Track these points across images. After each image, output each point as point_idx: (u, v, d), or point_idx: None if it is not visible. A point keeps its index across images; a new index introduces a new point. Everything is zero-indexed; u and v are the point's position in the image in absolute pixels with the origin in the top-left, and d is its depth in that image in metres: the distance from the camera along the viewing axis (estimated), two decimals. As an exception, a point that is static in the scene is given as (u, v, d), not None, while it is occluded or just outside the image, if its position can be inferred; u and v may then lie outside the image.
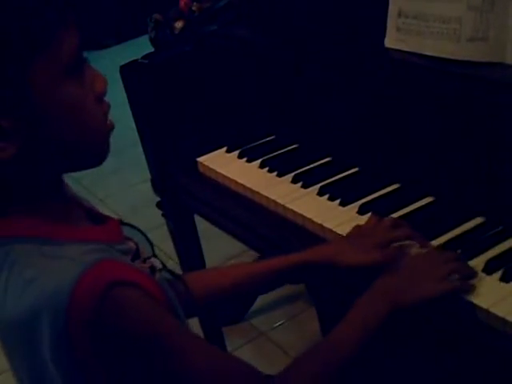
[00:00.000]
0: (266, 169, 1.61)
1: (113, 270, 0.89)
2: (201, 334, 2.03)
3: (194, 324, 1.92)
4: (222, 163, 1.67)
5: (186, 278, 1.25)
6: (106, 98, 0.97)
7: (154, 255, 1.09)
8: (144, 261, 1.03)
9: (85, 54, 0.93)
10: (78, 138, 0.92)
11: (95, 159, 0.97)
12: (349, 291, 1.32)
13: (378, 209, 1.35)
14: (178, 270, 1.66)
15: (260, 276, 1.27)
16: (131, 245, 1.03)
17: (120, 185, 3.53)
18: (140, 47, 2.08)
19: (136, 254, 1.02)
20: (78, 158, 0.95)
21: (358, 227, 1.29)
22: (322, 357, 1.05)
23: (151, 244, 1.10)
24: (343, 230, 1.33)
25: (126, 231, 1.05)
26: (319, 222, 1.38)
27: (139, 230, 1.09)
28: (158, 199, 1.87)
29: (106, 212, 1.09)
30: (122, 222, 1.06)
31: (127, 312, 0.88)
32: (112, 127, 0.98)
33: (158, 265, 1.08)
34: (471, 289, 1.11)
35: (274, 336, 2.41)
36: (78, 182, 3.17)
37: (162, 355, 0.90)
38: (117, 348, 0.89)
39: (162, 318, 0.93)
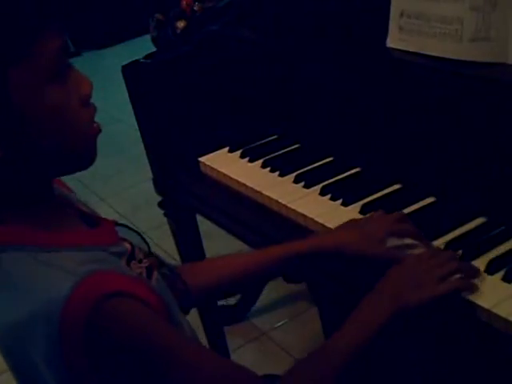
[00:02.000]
0: (268, 168, 1.61)
1: (106, 282, 0.89)
2: (202, 333, 2.03)
3: (196, 324, 1.92)
4: (224, 163, 1.67)
5: (184, 271, 1.25)
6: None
7: (151, 254, 1.08)
8: (140, 261, 1.03)
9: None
10: (64, 143, 0.91)
11: (82, 163, 0.97)
12: (351, 291, 1.32)
13: (379, 209, 1.35)
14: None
15: (263, 266, 1.26)
16: (126, 246, 1.02)
17: (122, 184, 3.53)
18: (142, 47, 2.08)
19: (131, 255, 1.02)
20: (65, 163, 0.94)
21: (366, 216, 1.30)
22: (324, 359, 1.05)
23: (147, 243, 1.10)
24: (345, 230, 1.33)
25: (121, 232, 1.04)
26: (321, 221, 1.38)
27: (134, 231, 1.09)
28: (160, 199, 1.87)
29: (108, 211, 1.09)
30: (116, 223, 1.05)
31: (120, 323, 0.88)
32: (99, 131, 0.97)
33: (156, 263, 1.07)
34: (473, 287, 1.11)
35: (275, 336, 2.41)
36: (80, 182, 3.18)
37: (157, 363, 0.90)
38: (111, 359, 0.88)
39: (156, 326, 0.92)
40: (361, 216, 1.37)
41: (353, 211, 1.39)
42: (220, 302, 2.38)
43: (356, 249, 1.21)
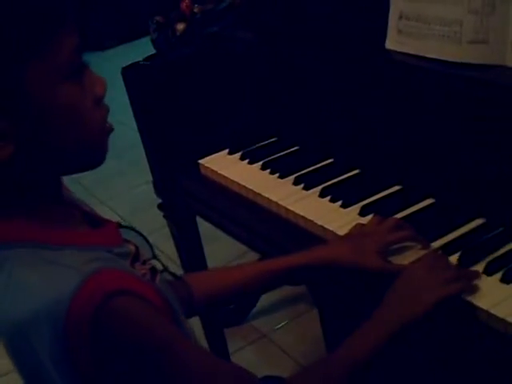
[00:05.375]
0: (268, 170, 1.61)
1: (111, 280, 0.89)
2: (202, 335, 2.03)
3: (196, 326, 1.92)
4: (224, 165, 1.68)
5: (188, 279, 1.26)
6: (106, 101, 0.97)
7: (154, 257, 1.09)
8: (144, 263, 1.03)
9: (85, 57, 0.93)
10: (76, 141, 0.92)
11: (93, 162, 0.97)
12: (351, 293, 1.32)
13: (379, 210, 1.36)
14: (180, 272, 1.66)
15: (262, 277, 1.28)
16: (130, 247, 1.03)
17: (121, 186, 3.54)
18: (142, 49, 2.08)
19: (135, 257, 1.02)
20: (76, 160, 0.95)
21: (360, 226, 1.30)
22: (332, 366, 1.06)
23: (151, 246, 1.10)
24: (344, 231, 1.33)
25: (125, 234, 1.05)
26: (321, 223, 1.38)
27: (138, 232, 1.09)
28: (160, 201, 1.88)
29: (108, 214, 1.09)
30: (120, 225, 1.06)
31: (125, 321, 0.88)
32: (111, 130, 0.97)
33: (159, 266, 1.08)
34: (474, 289, 1.12)
35: (275, 338, 2.41)
36: (79, 184, 3.18)
37: (160, 362, 0.90)
38: (116, 356, 0.89)
39: (160, 325, 0.93)
40: (360, 217, 1.37)
41: (352, 213, 1.40)
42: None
43: (351, 262, 1.23)
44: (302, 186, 1.52)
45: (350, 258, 1.23)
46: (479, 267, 1.16)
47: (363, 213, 1.38)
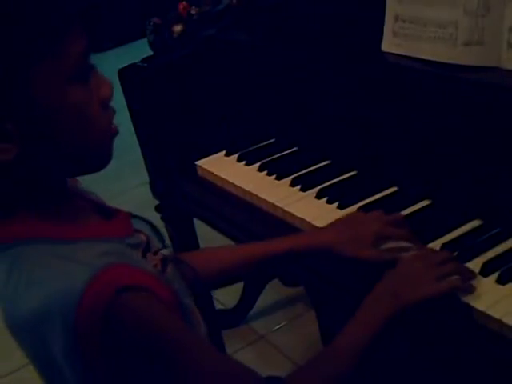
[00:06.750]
0: (265, 172, 1.61)
1: (122, 275, 0.89)
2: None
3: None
4: (221, 166, 1.68)
5: (194, 257, 1.26)
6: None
7: (165, 246, 1.09)
8: (155, 253, 1.03)
9: (92, 60, 0.93)
10: (82, 143, 0.92)
11: (98, 164, 0.97)
12: (348, 294, 1.32)
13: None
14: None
15: (261, 259, 1.27)
16: (142, 237, 1.03)
17: (119, 188, 3.53)
18: (139, 50, 2.08)
19: (147, 247, 1.02)
20: (81, 163, 0.95)
21: (362, 213, 1.31)
22: (328, 361, 1.06)
23: (161, 235, 1.10)
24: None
25: (136, 224, 1.05)
26: (317, 224, 1.38)
27: (149, 223, 1.09)
28: (157, 202, 1.88)
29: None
30: (131, 215, 1.06)
31: (135, 317, 0.89)
32: (116, 132, 0.97)
33: (170, 255, 1.08)
34: (470, 288, 1.12)
35: (273, 339, 2.41)
36: (78, 186, 3.17)
37: (167, 358, 0.91)
38: (125, 352, 0.89)
39: (169, 321, 0.93)
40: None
41: (349, 214, 1.40)
42: (218, 306, 2.38)
43: (343, 250, 1.22)
44: (299, 187, 1.52)
45: (343, 247, 1.22)
46: (475, 268, 1.16)
47: (360, 214, 1.38)
